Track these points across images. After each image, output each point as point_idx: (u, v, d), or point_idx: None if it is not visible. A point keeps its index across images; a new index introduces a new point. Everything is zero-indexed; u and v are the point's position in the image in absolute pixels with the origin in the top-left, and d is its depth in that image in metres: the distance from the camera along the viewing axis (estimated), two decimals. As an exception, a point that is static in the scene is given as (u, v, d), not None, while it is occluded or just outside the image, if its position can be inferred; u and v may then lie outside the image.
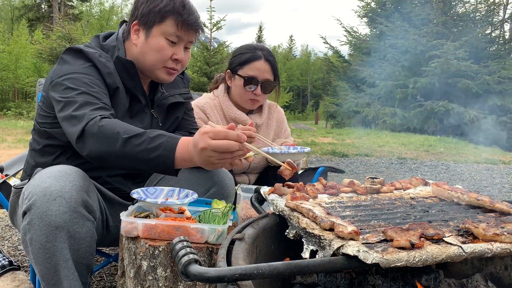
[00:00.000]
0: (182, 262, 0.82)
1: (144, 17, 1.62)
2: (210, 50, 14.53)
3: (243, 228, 1.17)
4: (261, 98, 2.32)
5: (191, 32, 1.63)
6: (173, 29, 1.60)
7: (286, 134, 2.51)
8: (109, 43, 1.67)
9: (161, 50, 1.61)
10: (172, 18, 1.59)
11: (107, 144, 1.32)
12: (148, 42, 1.62)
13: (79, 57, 1.57)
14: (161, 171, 1.40)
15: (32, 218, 1.28)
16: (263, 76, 2.27)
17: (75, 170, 1.40)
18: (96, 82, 1.51)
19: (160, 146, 1.29)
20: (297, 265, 0.87)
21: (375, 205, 1.34)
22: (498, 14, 17.03)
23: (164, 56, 1.62)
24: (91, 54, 1.57)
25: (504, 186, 5.73)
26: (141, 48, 1.64)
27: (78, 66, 1.53)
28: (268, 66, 2.29)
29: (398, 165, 7.30)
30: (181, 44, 1.65)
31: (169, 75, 1.69)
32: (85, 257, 1.34)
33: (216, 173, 1.79)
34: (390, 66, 16.21)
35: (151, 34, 1.61)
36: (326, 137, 11.61)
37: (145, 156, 1.29)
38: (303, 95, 59.36)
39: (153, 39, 1.61)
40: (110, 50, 1.65)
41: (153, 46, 1.61)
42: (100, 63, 1.56)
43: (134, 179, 1.78)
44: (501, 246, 1.01)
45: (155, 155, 1.29)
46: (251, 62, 2.27)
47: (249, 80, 2.26)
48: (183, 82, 1.92)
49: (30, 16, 34.66)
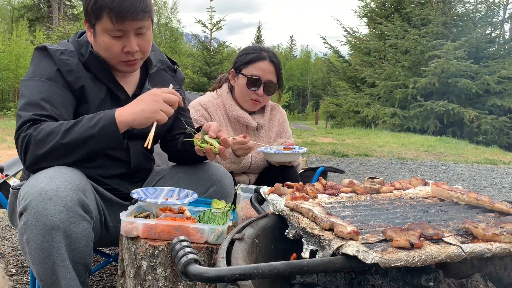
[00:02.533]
0: (182, 262, 0.82)
1: (86, 16, 1.56)
2: (210, 50, 14.54)
3: (243, 228, 1.17)
4: (262, 100, 2.32)
5: (129, 22, 1.49)
6: (110, 24, 1.49)
7: (288, 135, 2.51)
8: (83, 38, 1.65)
9: (109, 47, 1.55)
10: (105, 15, 1.48)
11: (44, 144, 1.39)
12: (97, 40, 1.56)
13: (44, 56, 1.56)
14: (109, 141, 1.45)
15: (28, 218, 1.27)
16: (267, 77, 2.27)
17: (71, 170, 1.40)
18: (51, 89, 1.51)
19: (100, 120, 1.42)
20: (297, 265, 0.87)
21: (375, 205, 1.34)
22: (498, 14, 17.02)
23: (114, 52, 1.55)
24: (53, 52, 1.55)
25: (504, 186, 5.73)
26: (95, 46, 1.60)
27: (42, 69, 1.54)
28: (272, 67, 2.29)
29: (398, 165, 7.30)
30: (128, 35, 1.53)
31: (130, 66, 1.62)
32: (82, 257, 1.33)
33: (215, 173, 1.80)
34: (390, 66, 16.20)
35: (96, 33, 1.55)
36: (326, 137, 11.60)
37: (89, 133, 1.40)
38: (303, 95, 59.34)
39: (99, 37, 1.55)
40: (84, 46, 1.62)
41: (101, 45, 1.56)
42: (60, 61, 1.54)
43: (131, 179, 1.77)
44: (500, 246, 1.01)
45: (98, 128, 1.41)
46: (255, 62, 2.28)
47: (252, 80, 2.26)
48: (174, 81, 1.87)
49: (30, 16, 34.64)
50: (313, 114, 41.82)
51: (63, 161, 1.43)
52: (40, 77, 1.52)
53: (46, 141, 1.39)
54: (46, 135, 1.39)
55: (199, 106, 2.31)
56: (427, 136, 12.75)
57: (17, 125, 1.45)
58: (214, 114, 2.31)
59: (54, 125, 1.42)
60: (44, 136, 1.39)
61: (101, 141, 1.43)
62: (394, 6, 18.45)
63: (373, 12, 19.18)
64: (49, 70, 1.53)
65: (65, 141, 1.39)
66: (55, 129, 1.40)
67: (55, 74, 1.53)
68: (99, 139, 1.42)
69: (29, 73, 1.55)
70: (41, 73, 1.53)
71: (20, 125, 1.44)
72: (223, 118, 2.34)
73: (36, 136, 1.39)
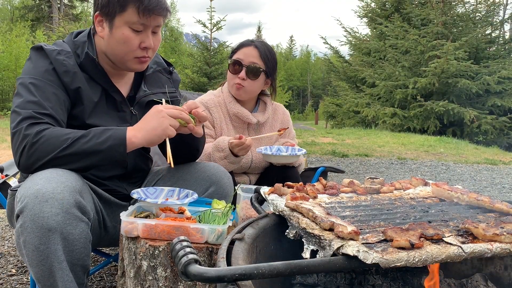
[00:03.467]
0: (182, 262, 0.82)
1: (104, 8, 1.55)
2: (210, 50, 14.53)
3: (243, 228, 1.17)
4: (246, 84, 2.27)
5: (155, 17, 1.55)
6: (136, 17, 1.52)
7: (291, 136, 2.52)
8: (80, 39, 1.64)
9: (127, 41, 1.55)
10: (132, 6, 1.51)
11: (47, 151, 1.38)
12: (113, 33, 1.55)
13: (40, 56, 1.55)
14: (113, 160, 1.46)
15: (24, 220, 1.27)
16: (249, 60, 2.26)
17: (67, 172, 1.39)
18: (48, 89, 1.50)
19: (110, 138, 1.42)
20: (297, 265, 0.87)
21: (375, 205, 1.34)
22: (498, 15, 17.04)
23: (132, 47, 1.56)
24: (49, 52, 1.54)
25: (504, 187, 5.72)
26: (107, 40, 1.58)
27: (38, 68, 1.53)
28: (256, 51, 2.28)
29: (398, 165, 7.29)
30: (148, 31, 1.57)
31: (141, 64, 1.64)
32: (80, 258, 1.33)
33: (214, 173, 1.79)
34: (390, 66, 16.20)
35: (114, 25, 1.54)
36: (326, 137, 11.59)
37: (96, 149, 1.41)
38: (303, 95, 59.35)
39: (117, 30, 1.54)
40: (80, 46, 1.61)
41: (118, 38, 1.55)
42: (56, 62, 1.53)
43: (129, 180, 1.77)
44: (500, 246, 1.01)
45: (107, 145, 1.41)
46: (240, 49, 2.31)
47: (234, 63, 2.27)
48: (170, 82, 1.87)
49: (31, 17, 34.64)
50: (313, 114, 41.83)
51: (61, 167, 1.41)
52: (37, 76, 1.51)
53: (48, 149, 1.38)
54: (49, 143, 1.38)
55: (200, 104, 2.31)
56: (427, 136, 12.74)
57: (16, 121, 1.43)
58: (215, 112, 2.32)
59: (57, 132, 1.41)
60: (46, 144, 1.38)
61: (105, 158, 1.44)
62: (394, 6, 18.44)
63: (373, 12, 19.17)
64: (46, 69, 1.53)
65: (69, 152, 1.39)
66: (60, 138, 1.39)
67: (51, 74, 1.53)
68: (105, 156, 1.43)
69: (25, 72, 1.54)
70: (37, 73, 1.52)
71: (20, 121, 1.42)
72: (224, 116, 2.34)
73: (38, 141, 1.38)
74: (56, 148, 1.38)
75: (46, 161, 1.39)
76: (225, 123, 2.33)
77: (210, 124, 2.31)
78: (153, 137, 1.48)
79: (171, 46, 41.89)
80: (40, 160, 1.39)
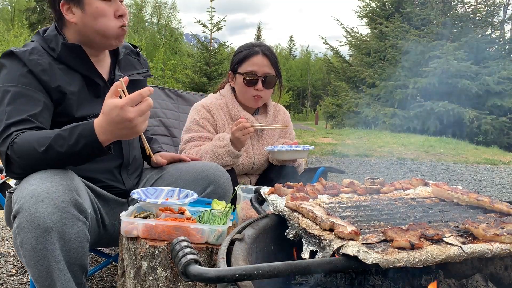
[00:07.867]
0: (182, 263, 0.82)
1: None
2: (210, 51, 14.53)
3: (243, 229, 1.17)
4: (263, 94, 2.30)
5: None
6: None
7: (291, 137, 2.51)
8: (50, 33, 1.63)
9: (103, 12, 1.57)
10: None
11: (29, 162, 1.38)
12: (87, 12, 1.57)
13: (12, 61, 1.53)
14: (95, 155, 1.41)
15: (21, 221, 1.27)
16: (263, 70, 2.27)
17: (62, 171, 1.39)
18: (24, 93, 1.48)
19: (80, 138, 1.34)
20: (297, 265, 0.87)
21: (375, 206, 1.34)
22: (498, 15, 17.02)
23: (110, 16, 1.59)
24: (21, 54, 1.52)
25: (504, 187, 5.73)
26: (83, 22, 1.58)
27: (12, 74, 1.51)
28: (266, 60, 2.28)
29: (398, 165, 7.29)
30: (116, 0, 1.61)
31: (123, 34, 1.65)
32: (77, 258, 1.32)
33: (212, 172, 1.80)
34: (390, 67, 16.20)
35: (85, 3, 1.56)
36: (326, 137, 11.60)
37: (73, 151, 1.35)
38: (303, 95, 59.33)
39: (89, 6, 1.56)
40: (53, 40, 1.60)
41: (93, 13, 1.56)
42: (31, 62, 1.51)
43: (126, 171, 1.77)
44: (501, 247, 1.01)
45: (81, 146, 1.35)
46: (249, 58, 2.28)
47: (249, 76, 2.26)
48: (140, 63, 1.90)
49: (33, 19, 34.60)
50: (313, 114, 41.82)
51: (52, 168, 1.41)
52: (12, 82, 1.49)
53: (28, 162, 1.37)
54: (27, 155, 1.37)
55: (202, 108, 2.31)
56: (427, 136, 12.75)
57: None
58: (217, 115, 2.31)
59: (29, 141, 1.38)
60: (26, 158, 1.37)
61: (88, 156, 1.41)
62: (394, 7, 18.46)
63: (374, 12, 19.19)
64: (20, 73, 1.50)
65: (49, 158, 1.37)
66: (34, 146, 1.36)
67: (27, 77, 1.50)
68: (85, 155, 1.39)
69: (1, 79, 1.51)
70: (11, 79, 1.50)
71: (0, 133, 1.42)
72: (226, 119, 2.34)
73: (14, 156, 1.38)
74: (36, 157, 1.36)
75: (33, 169, 1.39)
76: (228, 126, 2.32)
77: (212, 128, 2.30)
78: (127, 137, 1.42)
79: (171, 46, 41.82)
80: (26, 170, 1.39)
